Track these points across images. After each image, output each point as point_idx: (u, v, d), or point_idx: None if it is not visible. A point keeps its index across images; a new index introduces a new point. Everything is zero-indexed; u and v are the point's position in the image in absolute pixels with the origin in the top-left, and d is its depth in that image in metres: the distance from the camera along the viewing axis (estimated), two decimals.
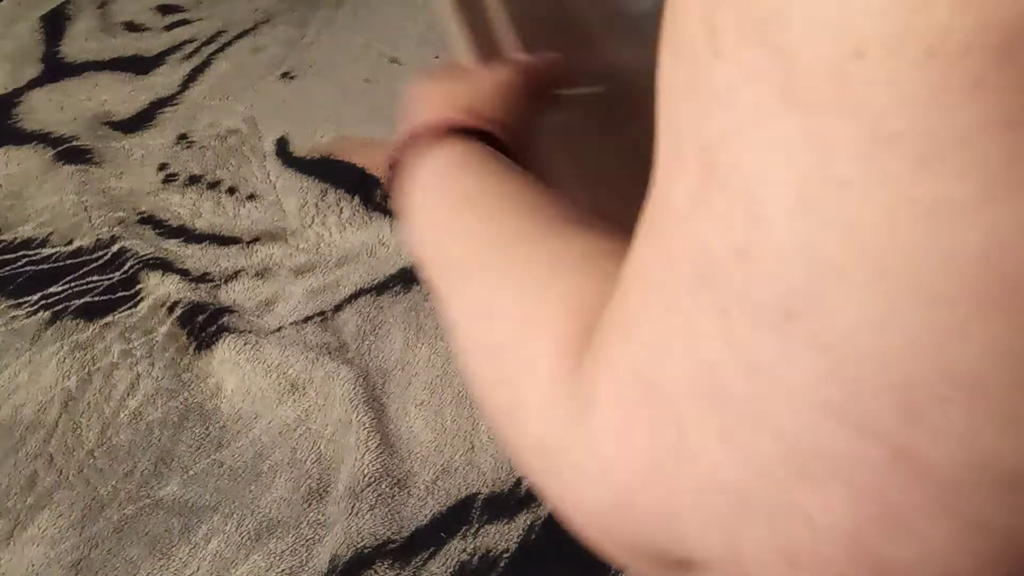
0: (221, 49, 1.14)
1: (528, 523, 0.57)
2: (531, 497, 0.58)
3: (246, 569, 0.56)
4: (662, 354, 0.16)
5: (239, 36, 1.16)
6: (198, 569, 0.56)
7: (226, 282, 0.78)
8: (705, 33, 0.14)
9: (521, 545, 0.56)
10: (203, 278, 0.78)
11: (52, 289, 0.79)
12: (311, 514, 0.58)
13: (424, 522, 0.58)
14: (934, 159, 0.12)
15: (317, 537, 0.57)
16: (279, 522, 0.58)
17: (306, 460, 0.62)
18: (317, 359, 0.68)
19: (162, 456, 0.63)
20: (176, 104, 1.03)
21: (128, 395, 0.68)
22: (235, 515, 0.59)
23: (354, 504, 0.58)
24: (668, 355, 0.16)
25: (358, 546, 0.56)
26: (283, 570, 0.55)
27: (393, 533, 0.57)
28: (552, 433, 0.20)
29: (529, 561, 0.55)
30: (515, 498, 0.58)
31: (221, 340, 0.71)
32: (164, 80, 1.08)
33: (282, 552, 0.56)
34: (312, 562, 0.56)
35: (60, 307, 0.77)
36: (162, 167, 0.93)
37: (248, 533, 0.58)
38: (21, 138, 1.00)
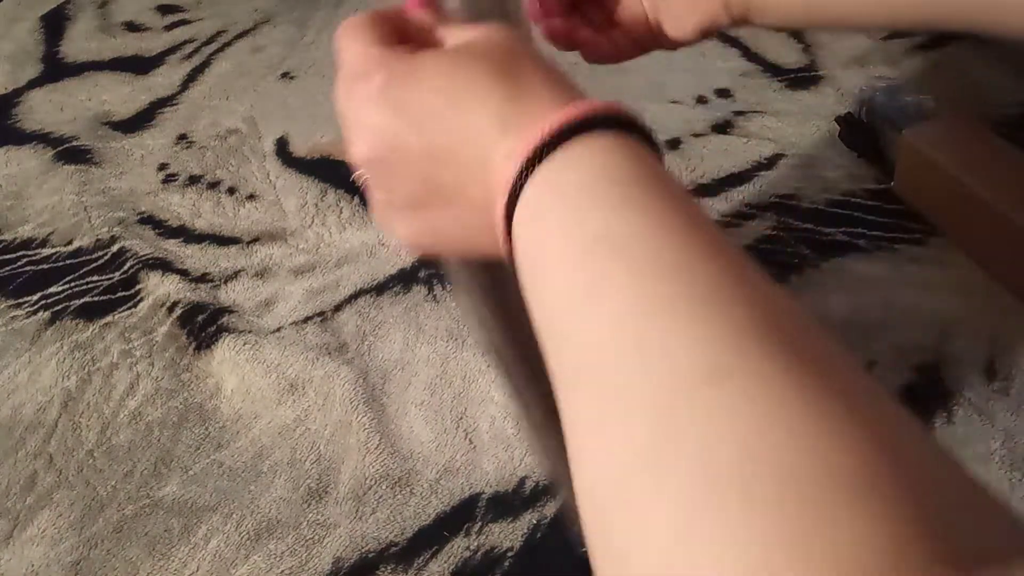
0: (221, 49, 1.14)
1: (533, 522, 0.57)
2: (536, 496, 0.58)
3: (246, 569, 0.56)
4: None
5: (239, 36, 1.16)
6: (198, 569, 0.56)
7: (226, 282, 0.78)
8: None
9: (525, 543, 0.56)
10: (203, 278, 0.78)
11: (52, 289, 0.79)
12: (311, 514, 0.58)
13: (428, 521, 0.57)
14: None
15: (317, 537, 0.57)
16: (279, 522, 0.58)
17: (306, 460, 0.62)
18: (317, 359, 0.68)
19: (162, 456, 0.63)
20: (176, 104, 1.04)
21: (128, 395, 0.68)
22: (235, 515, 0.59)
23: (358, 508, 0.58)
24: None
25: (363, 550, 0.56)
26: (283, 570, 0.55)
27: (396, 535, 0.57)
28: None
29: (533, 560, 0.55)
30: (519, 497, 0.58)
31: (221, 340, 0.71)
32: (164, 80, 1.08)
33: (282, 552, 0.56)
34: (312, 562, 0.56)
35: (60, 307, 0.77)
36: (162, 167, 0.93)
37: (248, 533, 0.58)
38: (21, 138, 1.00)
